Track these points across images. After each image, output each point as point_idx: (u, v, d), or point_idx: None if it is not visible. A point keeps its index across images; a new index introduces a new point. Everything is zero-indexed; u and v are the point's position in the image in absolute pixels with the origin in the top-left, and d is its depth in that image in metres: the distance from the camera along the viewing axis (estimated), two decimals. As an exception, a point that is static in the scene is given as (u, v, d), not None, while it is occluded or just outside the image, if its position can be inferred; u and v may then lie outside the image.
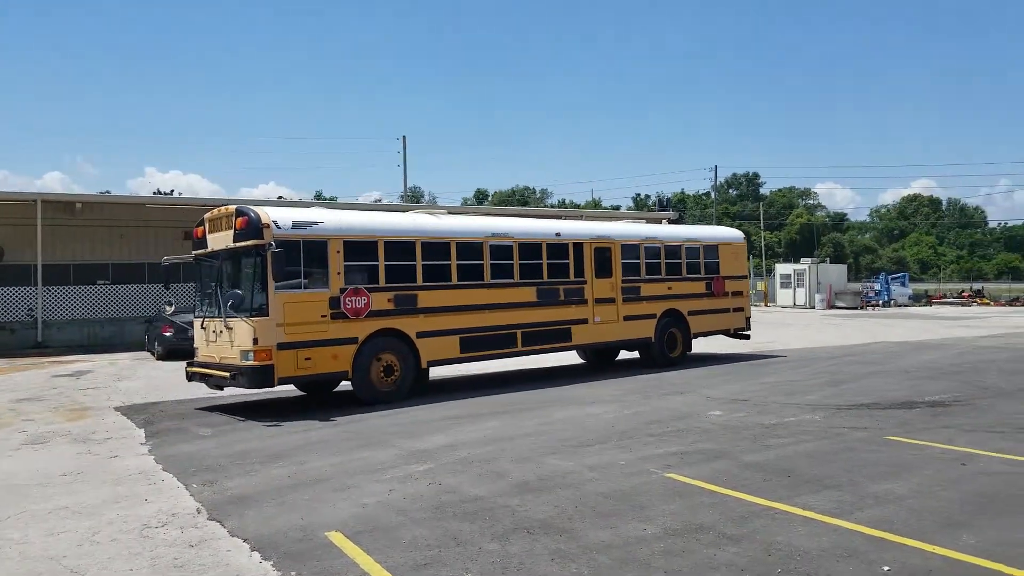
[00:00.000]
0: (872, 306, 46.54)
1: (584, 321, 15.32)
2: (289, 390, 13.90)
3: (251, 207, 12.01)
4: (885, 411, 10.43)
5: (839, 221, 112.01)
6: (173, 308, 15.43)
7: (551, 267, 14.91)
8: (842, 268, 53.16)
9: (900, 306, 47.73)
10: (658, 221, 36.41)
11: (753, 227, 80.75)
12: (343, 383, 13.21)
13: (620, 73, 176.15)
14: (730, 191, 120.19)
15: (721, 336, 18.80)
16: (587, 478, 7.21)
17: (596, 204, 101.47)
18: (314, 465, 8.15)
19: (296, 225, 11.79)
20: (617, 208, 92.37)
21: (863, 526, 5.62)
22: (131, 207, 29.06)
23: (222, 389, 12.76)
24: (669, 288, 16.93)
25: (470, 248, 13.78)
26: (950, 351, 18.82)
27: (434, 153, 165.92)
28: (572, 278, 15.22)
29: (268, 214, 11.69)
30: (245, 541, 5.73)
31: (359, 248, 12.39)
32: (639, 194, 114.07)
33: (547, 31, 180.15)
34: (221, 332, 11.97)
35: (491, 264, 14.00)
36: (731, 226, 28.91)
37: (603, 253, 15.82)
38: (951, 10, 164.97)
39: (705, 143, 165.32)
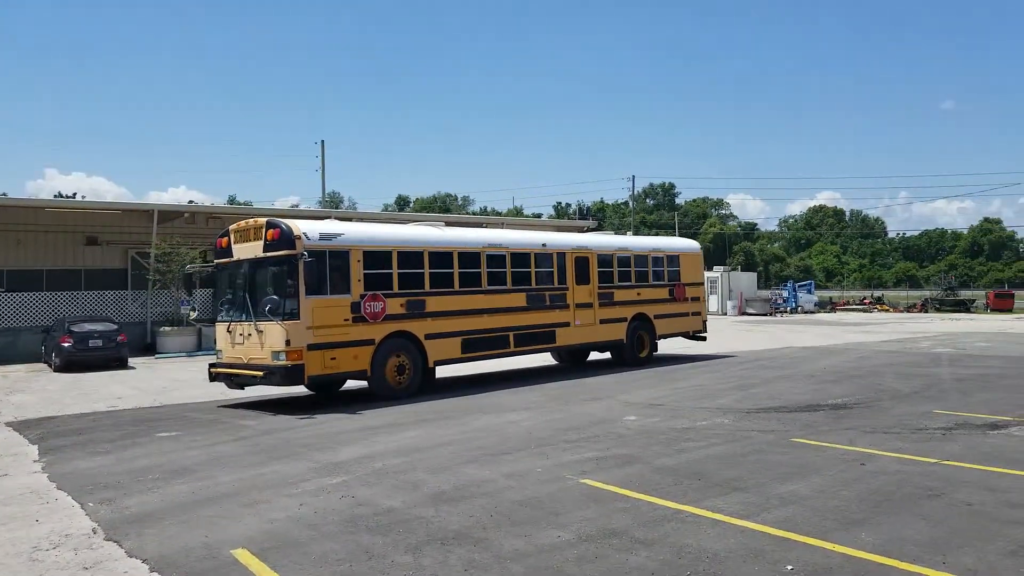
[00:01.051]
0: (780, 313, 48.17)
1: (566, 324, 16.64)
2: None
3: (281, 220, 12.87)
4: (791, 414, 10.78)
5: (750, 231, 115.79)
6: (196, 314, 15.48)
7: (538, 275, 16.24)
8: (752, 276, 54.96)
9: (807, 313, 49.57)
10: (579, 229, 36.93)
11: (669, 236, 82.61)
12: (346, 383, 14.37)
13: (542, 82, 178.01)
14: (647, 201, 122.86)
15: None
16: (503, 486, 7.19)
17: (518, 212, 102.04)
18: (221, 480, 7.88)
19: (323, 236, 12.76)
20: (539, 216, 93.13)
21: (769, 527, 5.77)
22: (28, 211, 27.60)
23: (243, 388, 13.60)
24: (638, 294, 18.40)
25: (469, 257, 14.95)
26: (852, 356, 19.63)
27: (354, 159, 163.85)
28: (556, 285, 16.57)
29: (298, 226, 12.60)
30: (144, 562, 5.47)
31: (376, 257, 13.39)
32: (560, 202, 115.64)
33: (468, 38, 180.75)
34: (250, 335, 12.76)
35: (488, 272, 15.20)
36: (647, 235, 29.87)
37: (582, 262, 17.15)
38: (858, 27, 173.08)
39: (624, 153, 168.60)
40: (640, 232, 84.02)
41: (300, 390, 14.30)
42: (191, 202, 35.56)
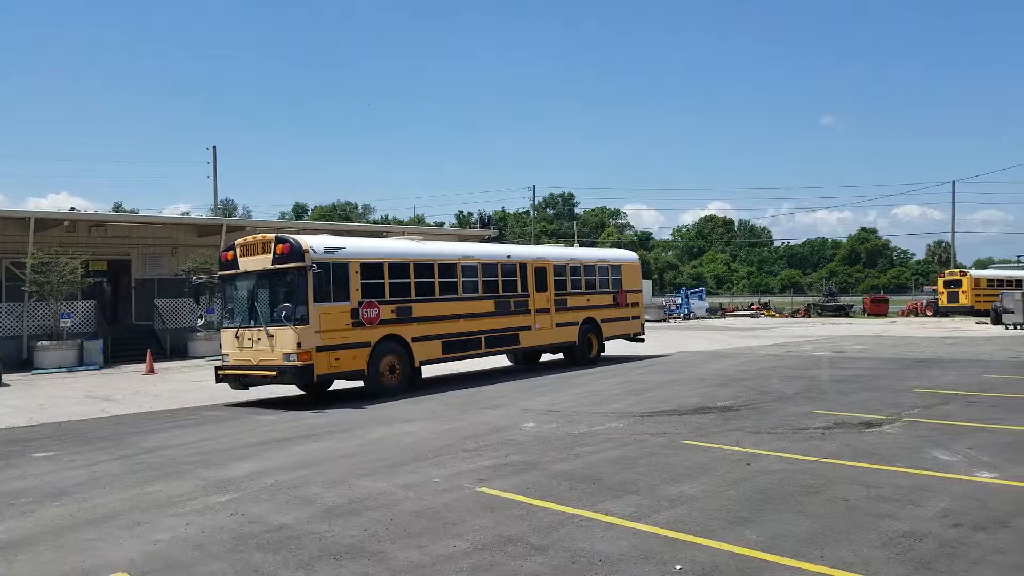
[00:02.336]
0: (674, 319, 49.71)
1: (528, 328, 18.27)
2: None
3: (289, 236, 14.13)
4: (682, 417, 11.12)
5: (645, 239, 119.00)
6: (204, 320, 17.92)
7: (504, 283, 17.82)
8: (648, 284, 56.45)
9: (698, 318, 51.32)
10: (480, 238, 37.07)
11: (568, 244, 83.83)
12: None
13: (443, 91, 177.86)
14: (548, 210, 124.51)
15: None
16: (399, 498, 7.12)
17: (419, 220, 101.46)
18: (101, 501, 7.49)
19: (327, 250, 14.02)
20: (441, 225, 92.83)
21: (659, 528, 5.93)
22: None
23: (247, 388, 14.72)
24: (588, 300, 20.22)
25: (448, 268, 16.44)
26: (740, 360, 20.42)
27: (248, 165, 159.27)
28: (519, 292, 18.16)
29: (306, 241, 13.89)
30: (13, 591, 5.14)
31: (371, 269, 14.76)
32: (462, 211, 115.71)
33: (368, 46, 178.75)
34: (259, 339, 13.89)
35: (463, 281, 16.71)
36: (547, 243, 30.80)
37: (541, 271, 18.80)
38: (745, 43, 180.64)
39: (525, 163, 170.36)
40: (540, 241, 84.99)
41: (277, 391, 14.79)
42: (73, 209, 33.42)
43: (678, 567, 5.10)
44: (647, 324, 43.43)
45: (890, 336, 29.35)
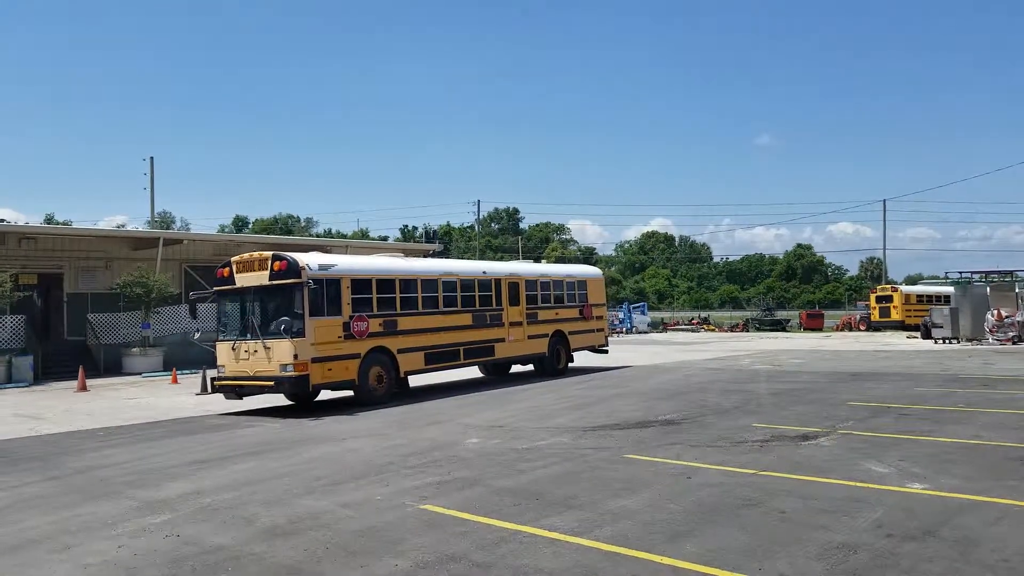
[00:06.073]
0: (617, 333, 50.15)
1: (502, 340, 19.15)
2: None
3: (286, 253, 14.78)
4: (625, 431, 11.22)
5: (589, 255, 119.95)
6: (200, 334, 18.39)
7: (480, 298, 18.66)
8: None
9: (641, 333, 51.96)
10: (424, 253, 36.93)
11: (512, 259, 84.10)
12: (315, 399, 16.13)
13: (388, 105, 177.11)
14: (493, 225, 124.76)
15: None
16: (341, 516, 7.02)
17: (363, 234, 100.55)
18: (28, 524, 7.20)
19: (321, 267, 14.77)
20: (385, 239, 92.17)
21: (602, 543, 5.96)
22: None
23: (241, 398, 15.22)
24: (556, 314, 21.19)
25: (429, 284, 17.29)
26: (680, 373, 20.72)
27: (187, 177, 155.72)
28: (494, 306, 19.01)
29: (302, 259, 14.62)
30: (-69, 621, 4.91)
31: (360, 284, 15.53)
32: (406, 225, 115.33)
33: (312, 60, 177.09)
34: (256, 351, 14.43)
35: (443, 296, 17.56)
36: (492, 258, 31.29)
37: (514, 286, 19.74)
38: (687, 64, 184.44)
39: (470, 178, 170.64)
40: (486, 256, 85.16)
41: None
42: (2, 221, 32.04)
43: (620, 582, 5.13)
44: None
45: (825, 350, 30.12)
